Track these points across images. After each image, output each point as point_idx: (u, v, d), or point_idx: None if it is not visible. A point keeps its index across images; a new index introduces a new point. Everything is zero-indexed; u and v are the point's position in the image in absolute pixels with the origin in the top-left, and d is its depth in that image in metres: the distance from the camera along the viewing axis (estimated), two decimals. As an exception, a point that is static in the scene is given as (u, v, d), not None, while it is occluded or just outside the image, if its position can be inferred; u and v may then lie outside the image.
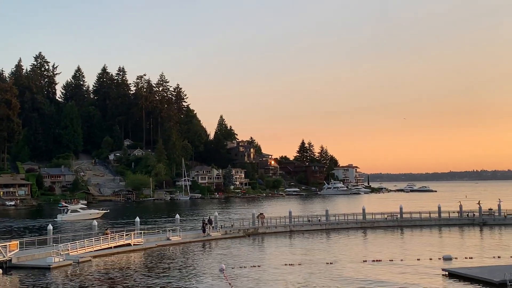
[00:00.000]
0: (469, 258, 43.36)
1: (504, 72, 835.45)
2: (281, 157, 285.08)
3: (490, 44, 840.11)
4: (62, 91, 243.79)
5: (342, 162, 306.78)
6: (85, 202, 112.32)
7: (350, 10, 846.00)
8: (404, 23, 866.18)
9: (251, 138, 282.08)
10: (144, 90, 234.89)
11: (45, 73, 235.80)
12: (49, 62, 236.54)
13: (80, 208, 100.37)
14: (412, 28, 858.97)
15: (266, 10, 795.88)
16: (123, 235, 51.76)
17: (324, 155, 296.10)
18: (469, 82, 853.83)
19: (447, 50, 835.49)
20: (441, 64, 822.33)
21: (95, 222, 60.16)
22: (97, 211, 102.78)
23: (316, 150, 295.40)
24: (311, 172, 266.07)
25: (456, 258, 43.13)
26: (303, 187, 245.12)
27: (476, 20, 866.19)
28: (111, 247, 49.36)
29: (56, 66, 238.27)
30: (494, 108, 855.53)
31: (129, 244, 51.08)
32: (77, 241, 47.72)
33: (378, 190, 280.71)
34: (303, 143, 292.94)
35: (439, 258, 42.88)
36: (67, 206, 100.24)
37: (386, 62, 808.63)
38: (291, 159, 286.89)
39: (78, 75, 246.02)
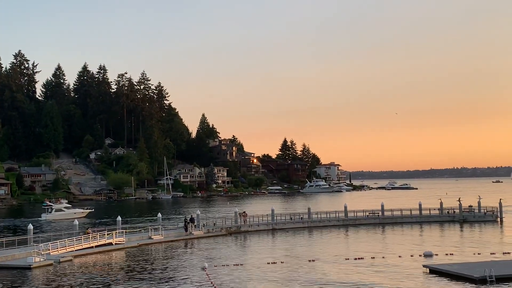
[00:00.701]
0: (450, 254, 43.81)
1: (483, 72, 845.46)
2: (264, 156, 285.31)
3: (472, 44, 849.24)
4: (42, 89, 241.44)
5: (324, 160, 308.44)
6: (66, 201, 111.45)
7: (328, 9, 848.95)
8: (383, 21, 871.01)
9: (233, 136, 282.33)
10: (126, 88, 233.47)
11: (24, 71, 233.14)
12: (29, 60, 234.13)
13: (65, 207, 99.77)
14: (389, 26, 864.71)
15: (248, 10, 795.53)
16: (104, 235, 51.43)
17: (306, 153, 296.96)
18: (449, 82, 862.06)
19: (427, 50, 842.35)
20: (420, 63, 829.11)
21: (76, 222, 59.62)
22: (82, 210, 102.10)
23: (298, 148, 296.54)
24: (293, 170, 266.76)
25: (436, 254, 43.56)
26: (285, 185, 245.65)
27: (453, 22, 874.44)
28: (92, 247, 49.01)
29: (36, 65, 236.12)
30: (474, 107, 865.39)
31: (110, 244, 50.76)
32: (58, 241, 47.31)
33: (360, 187, 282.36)
34: (285, 141, 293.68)
35: (420, 255, 43.26)
36: (51, 205, 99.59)
37: (366, 60, 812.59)
38: (273, 157, 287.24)
39: (58, 73, 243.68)
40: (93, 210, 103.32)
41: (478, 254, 43.94)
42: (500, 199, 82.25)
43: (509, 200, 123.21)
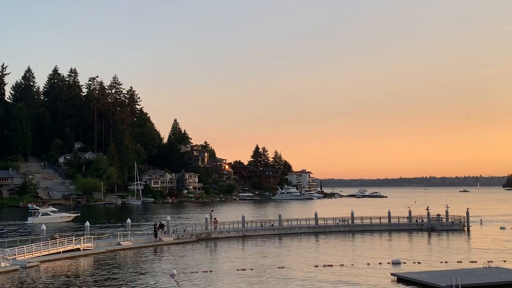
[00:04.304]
0: (417, 263, 44.30)
1: (451, 84, 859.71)
2: (235, 162, 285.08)
3: (444, 57, 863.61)
4: (11, 92, 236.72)
5: (295, 168, 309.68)
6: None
7: (302, 19, 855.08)
8: (356, 31, 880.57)
9: (205, 142, 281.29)
10: (97, 92, 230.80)
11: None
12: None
13: (51, 211, 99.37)
14: (362, 36, 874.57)
15: (222, 18, 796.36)
16: (72, 240, 50.66)
17: (278, 160, 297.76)
18: (419, 93, 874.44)
19: (399, 60, 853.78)
20: (391, 74, 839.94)
21: (43, 227, 58.62)
22: (68, 214, 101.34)
23: (270, 155, 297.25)
24: (265, 177, 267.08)
25: (404, 262, 44.01)
26: (257, 192, 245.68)
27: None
28: (59, 252, 48.24)
29: (6, 66, 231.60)
30: (442, 117, 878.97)
31: (78, 249, 50.07)
32: (24, 246, 46.45)
33: (331, 195, 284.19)
34: (257, 148, 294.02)
35: (388, 263, 43.65)
36: (38, 209, 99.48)
37: (337, 70, 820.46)
38: (245, 164, 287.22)
39: (28, 75, 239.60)
40: (79, 214, 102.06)
41: (446, 262, 44.51)
42: (468, 208, 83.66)
43: (476, 209, 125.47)
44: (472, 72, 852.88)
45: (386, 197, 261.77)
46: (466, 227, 75.97)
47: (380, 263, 43.74)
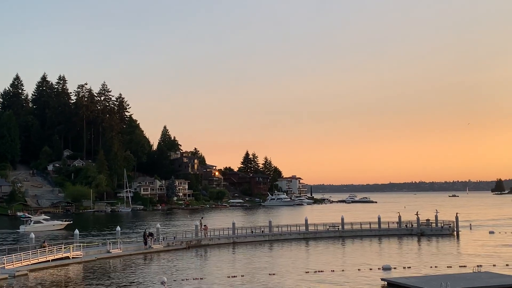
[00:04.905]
0: (408, 268, 44.44)
1: (439, 89, 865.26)
2: (225, 168, 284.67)
3: (430, 63, 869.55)
4: (0, 99, 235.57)
5: (285, 174, 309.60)
6: (21, 214, 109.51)
7: (291, 25, 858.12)
8: (343, 38, 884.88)
9: (195, 149, 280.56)
10: (85, 99, 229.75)
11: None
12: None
13: (43, 219, 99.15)
14: (348, 42, 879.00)
15: (211, 24, 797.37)
16: (61, 248, 50.32)
17: (268, 166, 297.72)
18: (407, 98, 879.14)
19: (386, 66, 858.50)
20: (380, 79, 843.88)
21: (32, 235, 58.18)
22: (60, 222, 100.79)
23: (260, 161, 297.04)
24: (255, 183, 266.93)
25: (395, 268, 44.14)
26: (247, 198, 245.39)
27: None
28: (48, 261, 47.90)
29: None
30: (431, 122, 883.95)
31: (67, 257, 49.73)
32: (13, 254, 46.06)
33: (321, 201, 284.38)
34: (247, 154, 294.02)
35: (378, 268, 43.76)
36: (30, 217, 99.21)
37: (326, 76, 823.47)
38: (235, 170, 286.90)
39: (16, 83, 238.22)
40: (71, 222, 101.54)
41: (435, 267, 44.69)
42: (457, 213, 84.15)
43: (465, 214, 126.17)
44: (461, 78, 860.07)
45: (376, 202, 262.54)
46: (455, 232, 76.38)
47: (370, 269, 43.84)
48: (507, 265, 45.24)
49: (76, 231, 59.91)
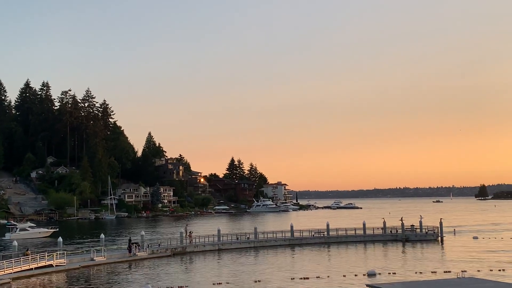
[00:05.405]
0: (392, 273, 44.56)
1: (421, 94, 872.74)
2: (211, 175, 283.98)
3: (412, 66, 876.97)
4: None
5: (271, 180, 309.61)
6: (6, 222, 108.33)
7: (275, 32, 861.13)
8: (327, 45, 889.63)
9: (180, 155, 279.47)
10: (69, 105, 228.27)
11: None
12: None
13: (29, 227, 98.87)
14: (333, 51, 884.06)
15: (195, 31, 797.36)
16: (44, 256, 49.77)
17: (253, 172, 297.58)
18: (391, 103, 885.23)
19: (370, 72, 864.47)
20: (363, 85, 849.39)
21: (15, 243, 57.49)
22: (46, 229, 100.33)
23: (246, 167, 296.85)
24: (241, 190, 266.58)
25: (380, 273, 44.25)
26: (232, 205, 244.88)
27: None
28: (32, 269, 47.35)
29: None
30: (414, 128, 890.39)
31: (51, 265, 49.19)
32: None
33: (306, 207, 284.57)
34: (232, 160, 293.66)
35: (363, 274, 43.85)
36: (15, 225, 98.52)
37: (311, 82, 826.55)
38: (220, 176, 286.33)
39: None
40: (57, 229, 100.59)
41: (420, 273, 44.86)
42: (441, 218, 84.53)
43: (449, 219, 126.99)
44: (445, 83, 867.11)
45: (361, 208, 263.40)
46: (439, 237, 76.80)
47: (355, 275, 43.90)
48: (491, 270, 45.56)
49: (60, 239, 59.35)
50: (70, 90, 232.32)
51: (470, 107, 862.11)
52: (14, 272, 45.03)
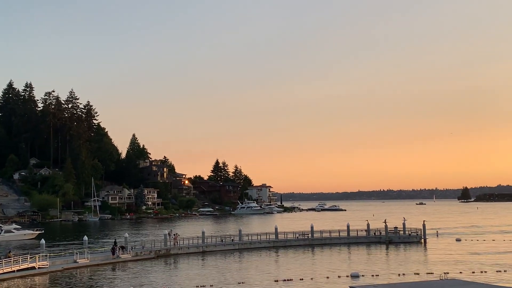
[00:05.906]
0: (376, 275, 44.82)
1: (405, 98, 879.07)
2: (195, 177, 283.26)
3: (399, 71, 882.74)
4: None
5: (255, 182, 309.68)
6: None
7: (261, 32, 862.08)
8: (309, 47, 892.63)
9: (165, 157, 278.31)
10: (53, 106, 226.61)
11: None
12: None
13: (14, 229, 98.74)
14: (319, 52, 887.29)
15: (180, 32, 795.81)
16: (27, 258, 49.37)
17: (238, 174, 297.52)
18: (374, 106, 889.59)
19: (355, 75, 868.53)
20: (349, 88, 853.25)
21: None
22: (32, 231, 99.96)
23: (230, 169, 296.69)
24: (225, 192, 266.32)
25: (363, 275, 44.48)
26: (217, 207, 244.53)
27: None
28: (14, 271, 46.95)
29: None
30: (398, 131, 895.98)
31: (33, 268, 48.84)
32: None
33: (291, 209, 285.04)
34: (217, 162, 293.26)
35: (347, 276, 44.06)
36: (1, 226, 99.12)
37: (296, 84, 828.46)
38: (205, 178, 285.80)
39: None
40: (43, 231, 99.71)
41: (403, 274, 45.17)
42: (424, 220, 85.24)
43: (432, 222, 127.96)
44: (431, 87, 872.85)
45: (345, 210, 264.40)
46: (422, 239, 77.34)
47: (339, 276, 44.10)
48: (473, 272, 46.00)
49: (42, 241, 58.99)
50: (53, 91, 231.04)
51: (454, 110, 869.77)
52: (-5, 275, 44.63)
